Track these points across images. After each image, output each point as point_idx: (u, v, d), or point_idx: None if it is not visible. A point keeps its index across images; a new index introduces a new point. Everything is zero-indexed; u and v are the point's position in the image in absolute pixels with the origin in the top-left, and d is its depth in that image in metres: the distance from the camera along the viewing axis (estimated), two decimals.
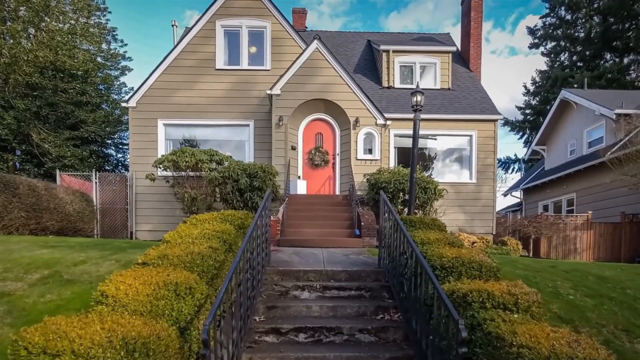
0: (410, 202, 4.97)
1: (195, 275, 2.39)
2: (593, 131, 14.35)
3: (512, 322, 2.01)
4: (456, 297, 2.42)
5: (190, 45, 10.75)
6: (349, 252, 5.98)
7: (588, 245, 12.42)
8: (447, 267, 2.93)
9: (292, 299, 3.82)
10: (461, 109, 11.02)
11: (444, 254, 3.05)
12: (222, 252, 2.99)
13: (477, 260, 2.83)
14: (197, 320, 2.28)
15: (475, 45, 12.77)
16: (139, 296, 2.06)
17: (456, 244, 3.53)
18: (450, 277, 2.76)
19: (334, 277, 4.25)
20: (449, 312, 2.07)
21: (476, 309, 2.28)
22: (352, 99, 9.70)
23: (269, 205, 4.14)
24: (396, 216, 3.57)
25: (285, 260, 4.90)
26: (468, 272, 2.80)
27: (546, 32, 25.06)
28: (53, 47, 11.95)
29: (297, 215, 8.18)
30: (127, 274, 2.31)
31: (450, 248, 3.20)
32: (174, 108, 10.71)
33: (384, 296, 3.95)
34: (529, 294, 2.32)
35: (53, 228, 8.64)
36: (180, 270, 2.39)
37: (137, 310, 2.00)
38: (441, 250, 3.10)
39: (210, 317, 1.87)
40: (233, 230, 3.62)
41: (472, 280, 2.58)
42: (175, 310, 2.10)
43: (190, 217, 3.84)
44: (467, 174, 10.93)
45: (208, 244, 2.86)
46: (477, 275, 2.76)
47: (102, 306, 2.04)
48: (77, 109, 14.08)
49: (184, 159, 8.81)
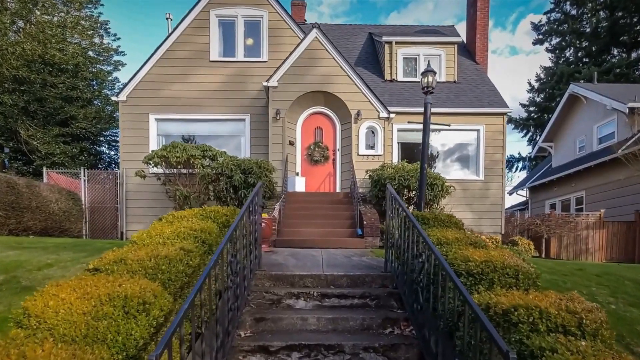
0: (421, 196, 4.44)
1: (156, 285, 1.85)
2: (603, 126, 13.77)
3: (582, 355, 1.46)
4: (493, 313, 1.83)
5: (183, 36, 10.23)
6: (351, 254, 5.44)
7: (600, 245, 11.88)
8: (475, 273, 2.33)
9: (285, 309, 3.28)
10: (468, 102, 10.47)
11: (469, 256, 2.46)
12: (198, 254, 2.45)
13: (512, 264, 2.25)
14: (154, 346, 1.73)
15: (481, 36, 12.22)
16: (73, 315, 1.53)
17: (479, 245, 2.98)
18: (479, 286, 2.20)
19: (334, 282, 3.71)
20: (491, 338, 1.52)
21: (525, 333, 1.70)
22: (354, 90, 9.16)
23: (260, 200, 3.62)
24: (408, 211, 3.04)
25: (280, 263, 4.36)
26: (502, 280, 2.22)
27: (551, 28, 24.55)
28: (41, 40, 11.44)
29: (295, 214, 7.67)
30: (65, 284, 1.80)
31: (475, 249, 2.64)
32: (166, 102, 10.18)
33: (392, 305, 3.41)
34: (592, 310, 1.75)
35: (36, 228, 8.13)
36: (138, 279, 1.85)
37: (67, 335, 1.48)
38: (465, 252, 2.53)
39: (161, 347, 1.34)
40: (215, 228, 3.08)
41: (507, 291, 2.03)
42: (122, 334, 1.58)
43: (168, 214, 3.31)
44: (474, 171, 10.38)
45: (180, 245, 2.33)
46: (512, 284, 2.20)
47: (19, 330, 1.50)
48: (67, 105, 13.51)
49: (175, 155, 8.28)
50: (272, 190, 8.12)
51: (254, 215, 3.42)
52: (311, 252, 5.49)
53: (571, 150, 15.34)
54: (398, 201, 3.40)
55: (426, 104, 4.45)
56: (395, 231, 3.66)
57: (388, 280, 3.74)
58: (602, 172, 12.91)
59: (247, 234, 3.05)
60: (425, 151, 4.41)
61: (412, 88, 10.97)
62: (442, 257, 2.15)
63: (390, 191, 3.67)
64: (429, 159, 10.29)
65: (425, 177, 4.42)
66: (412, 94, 10.73)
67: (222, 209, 3.62)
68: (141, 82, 10.18)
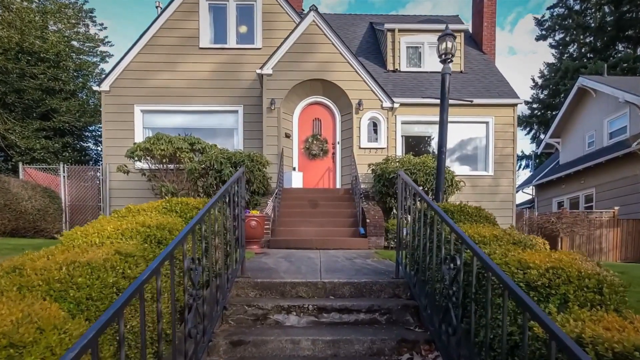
0: (439, 185, 3.76)
1: (56, 309, 1.16)
2: (615, 121, 13.14)
3: None
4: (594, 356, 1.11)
5: (170, 21, 9.51)
6: (353, 255, 4.75)
7: (614, 244, 11.28)
8: (539, 285, 1.57)
9: (271, 327, 2.57)
10: (476, 93, 9.81)
11: (527, 261, 1.71)
12: (145, 260, 1.74)
13: (591, 273, 1.54)
14: None
15: (489, 25, 11.57)
16: None
17: (525, 244, 2.27)
18: (548, 305, 1.50)
19: (334, 292, 3.01)
20: None
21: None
22: (355, 78, 8.46)
23: (243, 190, 2.92)
24: (430, 201, 2.35)
25: (270, 268, 3.65)
26: (579, 296, 1.46)
27: (555, 23, 24.04)
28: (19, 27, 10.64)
29: (291, 212, 6.99)
30: None
31: (528, 251, 1.92)
32: (152, 92, 9.46)
33: (407, 322, 2.71)
34: None
35: (5, 228, 7.39)
36: (33, 299, 1.18)
37: None
38: (519, 255, 1.81)
39: None
40: (181, 225, 2.38)
41: (592, 312, 1.35)
42: None
43: (123, 208, 2.61)
44: (483, 166, 9.72)
45: (117, 247, 1.63)
46: (596, 301, 1.47)
47: None
48: (49, 97, 12.67)
49: (159, 147, 7.56)
50: (266, 186, 7.42)
51: (233, 209, 2.72)
52: (308, 253, 4.80)
53: (580, 146, 14.74)
54: (415, 188, 2.71)
55: (444, 74, 3.79)
56: (410, 227, 2.98)
57: (401, 289, 3.04)
58: (614, 168, 12.30)
59: (222, 231, 2.35)
60: (444, 130, 3.74)
61: (416, 78, 10.31)
62: (493, 264, 1.45)
63: (403, 179, 2.98)
64: (434, 151, 9.60)
65: (443, 163, 3.75)
66: (417, 85, 10.06)
67: (193, 200, 2.90)
68: (125, 71, 9.45)
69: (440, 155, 3.72)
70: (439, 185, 3.76)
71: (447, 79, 3.80)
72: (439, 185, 3.76)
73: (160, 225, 2.07)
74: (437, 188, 3.81)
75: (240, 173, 2.90)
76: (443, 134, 3.74)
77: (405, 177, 2.94)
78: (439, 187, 3.77)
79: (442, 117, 3.79)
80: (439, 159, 3.75)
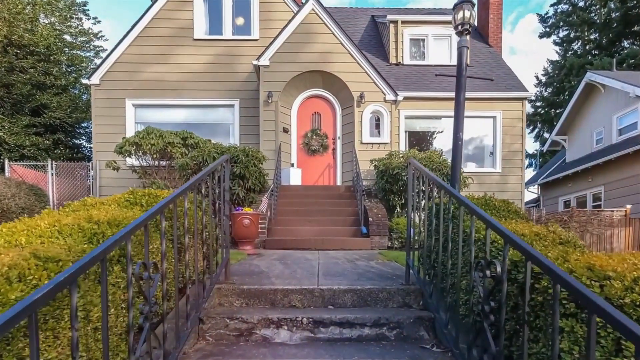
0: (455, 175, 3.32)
1: None
2: (625, 117, 12.68)
3: None
4: None
5: (163, 11, 9.08)
6: (355, 257, 4.32)
7: (626, 244, 10.82)
8: (627, 304, 1.12)
9: (257, 345, 2.13)
10: (483, 86, 9.37)
11: (602, 267, 1.25)
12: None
13: None
14: None
15: (495, 16, 11.14)
16: None
17: (576, 244, 1.83)
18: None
19: (333, 300, 2.57)
20: None
21: None
22: (356, 70, 8.03)
23: (227, 182, 2.47)
24: (454, 190, 1.91)
25: (260, 271, 3.21)
26: None
27: (559, 19, 23.62)
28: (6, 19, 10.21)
29: (289, 210, 6.57)
30: None
31: (584, 253, 1.47)
32: (145, 85, 9.04)
33: (422, 338, 2.28)
34: None
35: None
36: None
37: None
38: (587, 259, 1.31)
39: None
40: None
41: None
42: None
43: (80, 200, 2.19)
44: (490, 162, 9.28)
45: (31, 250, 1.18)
46: None
47: None
48: (39, 92, 12.24)
49: (149, 142, 7.13)
50: (263, 183, 6.98)
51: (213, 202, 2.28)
52: (306, 254, 4.37)
53: (587, 143, 14.28)
54: (431, 176, 2.26)
55: (461, 47, 3.36)
56: (423, 224, 2.54)
57: (412, 297, 2.61)
58: (625, 165, 11.85)
59: (197, 228, 1.91)
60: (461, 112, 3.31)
61: (419, 72, 9.88)
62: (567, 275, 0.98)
63: (416, 166, 2.54)
64: (440, 147, 9.15)
65: (460, 150, 3.32)
66: (420, 78, 9.63)
67: (164, 192, 2.46)
68: (116, 64, 9.03)
69: (457, 141, 3.30)
70: (455, 175, 3.34)
71: (465, 53, 3.38)
72: (455, 176, 3.34)
73: (112, 221, 1.61)
74: (452, 179, 3.38)
75: (223, 160, 2.46)
76: (459, 117, 3.31)
77: (418, 165, 2.51)
78: (455, 178, 3.35)
79: (458, 98, 3.36)
80: (455, 145, 3.33)
